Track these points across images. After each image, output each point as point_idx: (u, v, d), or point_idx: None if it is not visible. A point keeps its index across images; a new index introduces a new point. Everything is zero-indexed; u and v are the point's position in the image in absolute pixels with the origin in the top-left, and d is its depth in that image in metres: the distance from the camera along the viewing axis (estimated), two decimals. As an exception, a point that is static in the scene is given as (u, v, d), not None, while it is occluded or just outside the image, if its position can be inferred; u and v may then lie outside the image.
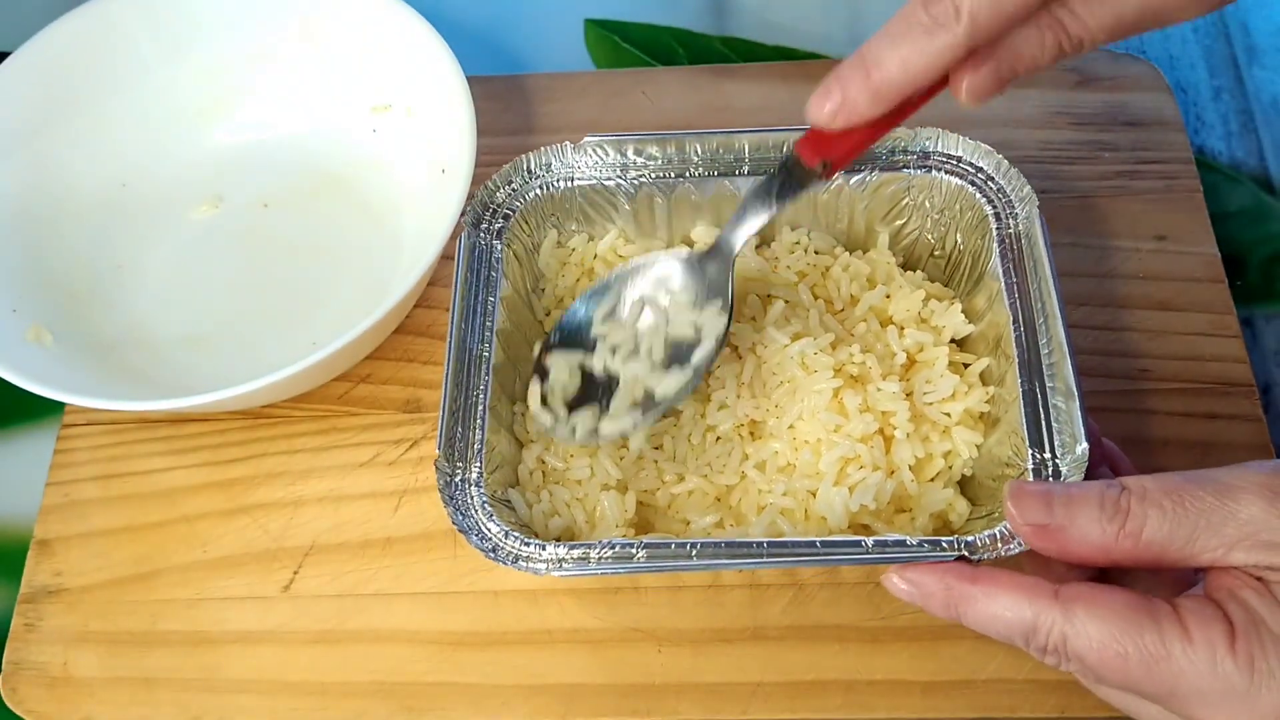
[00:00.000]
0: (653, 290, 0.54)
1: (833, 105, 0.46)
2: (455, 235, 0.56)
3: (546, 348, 0.54)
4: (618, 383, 0.53)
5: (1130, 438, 0.57)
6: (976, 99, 0.47)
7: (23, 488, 0.61)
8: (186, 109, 0.68)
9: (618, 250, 0.59)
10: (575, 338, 0.54)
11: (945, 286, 0.58)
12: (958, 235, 0.57)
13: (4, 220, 0.62)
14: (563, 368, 0.53)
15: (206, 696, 0.54)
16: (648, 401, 0.52)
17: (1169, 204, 0.63)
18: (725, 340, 0.53)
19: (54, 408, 0.61)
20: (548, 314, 0.59)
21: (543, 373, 0.53)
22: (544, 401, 0.53)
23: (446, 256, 0.56)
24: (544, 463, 0.54)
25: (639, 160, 0.57)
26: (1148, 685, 0.40)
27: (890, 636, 0.52)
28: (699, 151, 0.57)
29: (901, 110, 0.46)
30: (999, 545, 0.45)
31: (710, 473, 0.53)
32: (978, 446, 0.53)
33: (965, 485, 0.53)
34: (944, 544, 0.45)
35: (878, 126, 0.47)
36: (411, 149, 0.64)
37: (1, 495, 0.62)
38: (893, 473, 0.52)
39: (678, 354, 0.53)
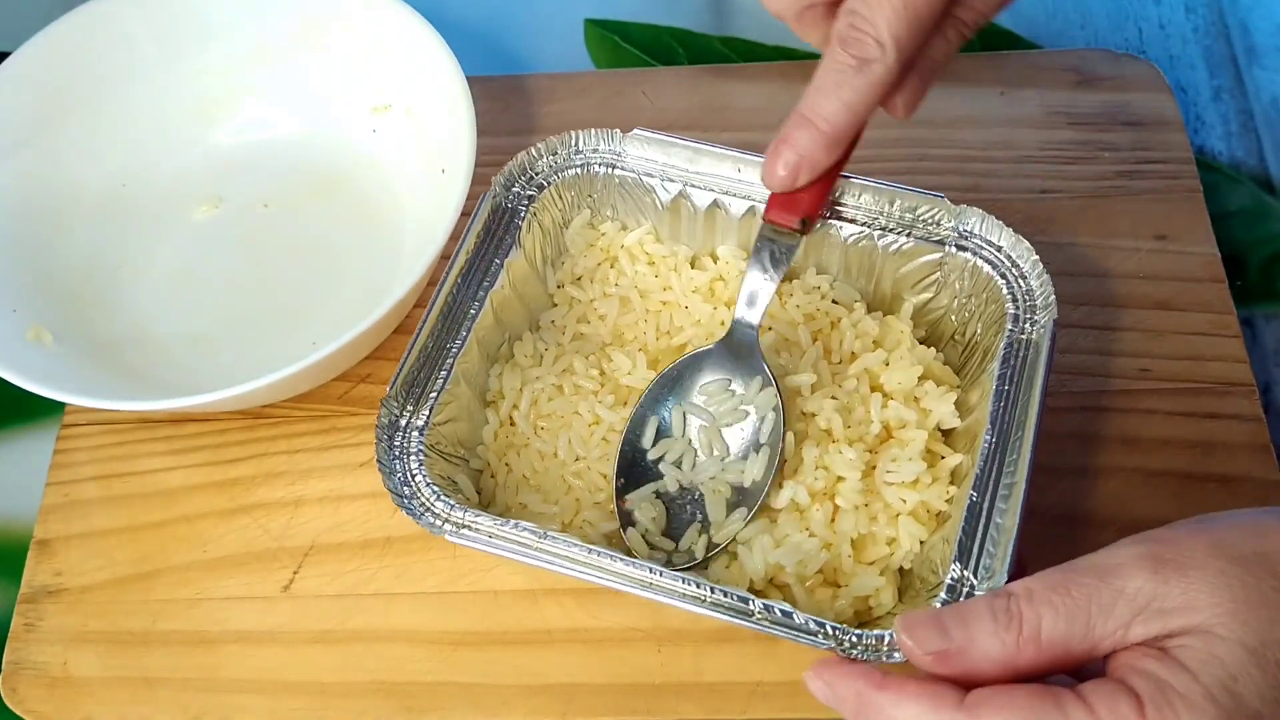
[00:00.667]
0: (685, 396, 0.54)
1: (790, 167, 0.48)
2: (455, 236, 0.56)
3: (618, 496, 0.53)
4: (699, 492, 0.53)
5: (1130, 438, 0.57)
6: (911, 111, 0.51)
7: (23, 488, 0.61)
8: (187, 109, 0.68)
9: (644, 246, 0.59)
10: (638, 474, 0.53)
11: (957, 374, 0.56)
12: (978, 326, 0.55)
13: (4, 220, 0.62)
14: (643, 505, 0.53)
15: (206, 696, 0.54)
16: (739, 494, 0.52)
17: (1169, 204, 0.63)
18: (783, 409, 0.52)
19: (54, 408, 0.61)
20: (559, 287, 0.59)
21: (628, 520, 0.52)
22: (648, 545, 0.52)
23: (445, 256, 0.56)
24: (513, 426, 0.55)
25: (680, 165, 0.57)
26: None
27: (890, 636, 0.52)
28: (739, 171, 0.57)
29: (848, 148, 0.49)
30: (882, 646, 0.44)
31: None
32: (921, 543, 0.51)
33: (903, 575, 0.51)
34: (828, 628, 0.44)
35: (834, 170, 0.50)
36: (411, 149, 0.64)
37: (1, 495, 0.62)
38: (829, 546, 0.51)
39: (742, 439, 0.53)
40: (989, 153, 0.66)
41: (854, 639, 0.44)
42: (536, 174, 0.57)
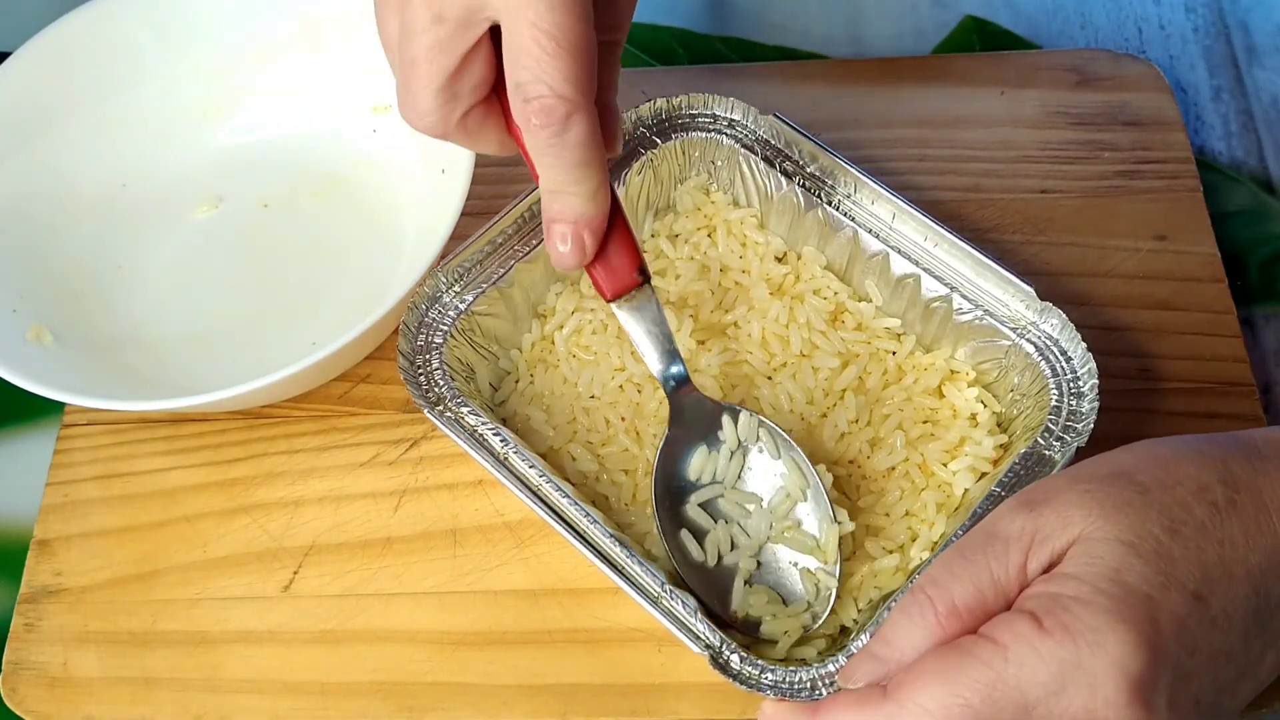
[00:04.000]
0: (685, 490, 0.53)
1: (573, 239, 0.48)
2: (455, 236, 0.56)
3: (729, 615, 0.51)
4: (775, 547, 0.52)
5: (1130, 438, 0.56)
6: (619, 145, 0.51)
7: (23, 488, 0.61)
8: (187, 109, 0.68)
9: (744, 226, 0.60)
10: (720, 585, 0.51)
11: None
12: (1020, 424, 0.54)
13: (4, 220, 0.62)
14: (753, 601, 0.51)
15: (207, 696, 0.54)
16: (806, 510, 0.52)
17: (1169, 204, 0.63)
18: (768, 421, 0.52)
19: (54, 408, 0.61)
20: (653, 236, 0.60)
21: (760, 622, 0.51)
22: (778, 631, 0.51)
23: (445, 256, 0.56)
24: (551, 343, 0.56)
25: (800, 162, 0.58)
26: (1005, 717, 0.38)
27: (890, 636, 0.52)
28: (854, 190, 0.57)
29: (612, 192, 0.48)
30: (759, 679, 0.46)
31: None
32: (854, 620, 0.51)
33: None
34: (719, 644, 0.46)
35: (619, 219, 0.49)
36: (411, 149, 0.64)
37: (1, 495, 0.62)
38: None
39: (760, 474, 0.53)
40: (989, 153, 0.66)
41: (745, 670, 0.46)
42: (667, 121, 0.58)
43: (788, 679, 0.46)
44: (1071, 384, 0.52)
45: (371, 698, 0.53)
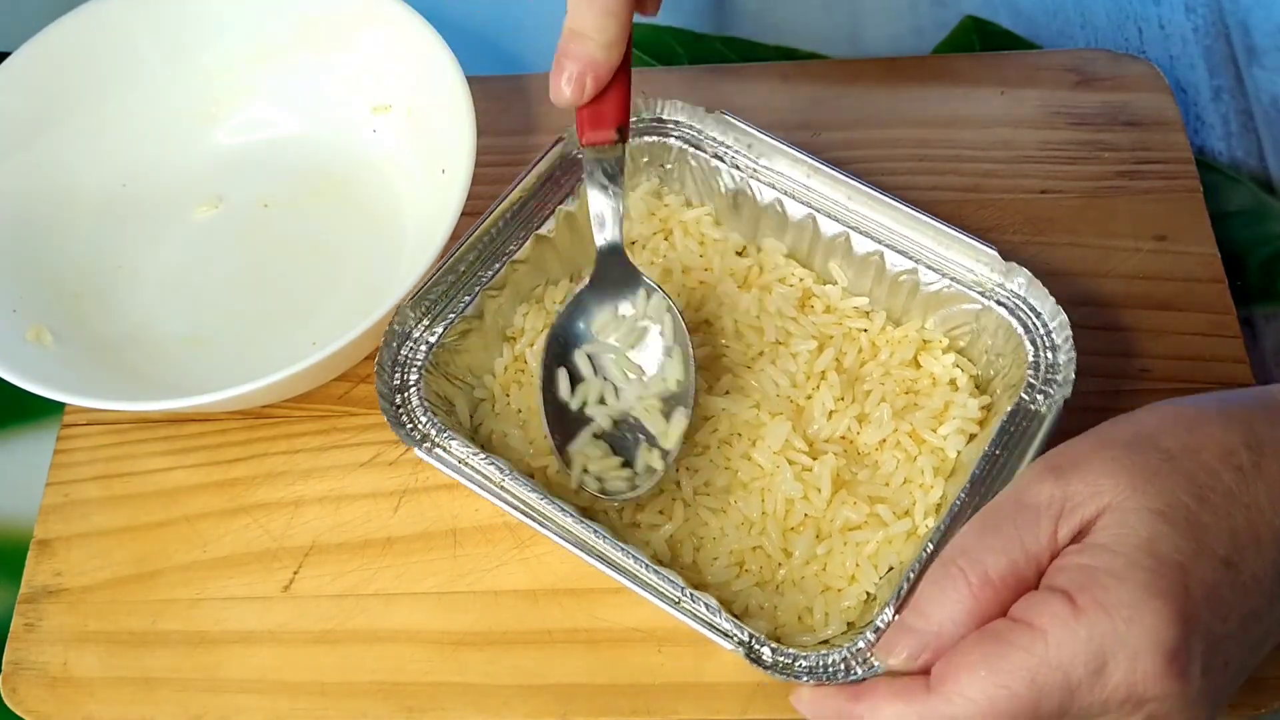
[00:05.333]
0: (582, 338, 0.55)
1: (575, 79, 0.50)
2: (455, 237, 0.56)
3: (558, 449, 0.53)
4: (633, 417, 0.54)
5: (1130, 437, 0.57)
6: (658, 8, 0.55)
7: (23, 488, 0.61)
8: (188, 109, 0.68)
9: (701, 225, 0.60)
10: (569, 425, 0.54)
11: None
12: (999, 384, 0.55)
13: (5, 220, 0.62)
14: (590, 450, 0.53)
15: (207, 696, 0.54)
16: (670, 401, 0.54)
17: (1169, 204, 0.63)
18: (677, 306, 0.54)
19: (54, 408, 0.61)
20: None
21: (567, 465, 0.53)
22: (602, 482, 0.53)
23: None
24: (523, 367, 0.56)
25: (752, 157, 0.58)
26: (1051, 700, 0.39)
27: (890, 636, 0.52)
28: (808, 177, 0.57)
29: (628, 50, 0.51)
30: (794, 666, 0.46)
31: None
32: (869, 593, 0.51)
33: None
34: (744, 642, 0.47)
35: (623, 73, 0.51)
36: (411, 150, 0.64)
37: (1, 495, 0.62)
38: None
39: (654, 351, 0.54)
40: (989, 153, 0.66)
41: (755, 657, 0.47)
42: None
43: (821, 663, 0.46)
44: (1045, 338, 0.53)
45: (371, 698, 0.53)
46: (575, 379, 0.54)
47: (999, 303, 0.54)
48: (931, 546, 0.47)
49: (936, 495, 0.53)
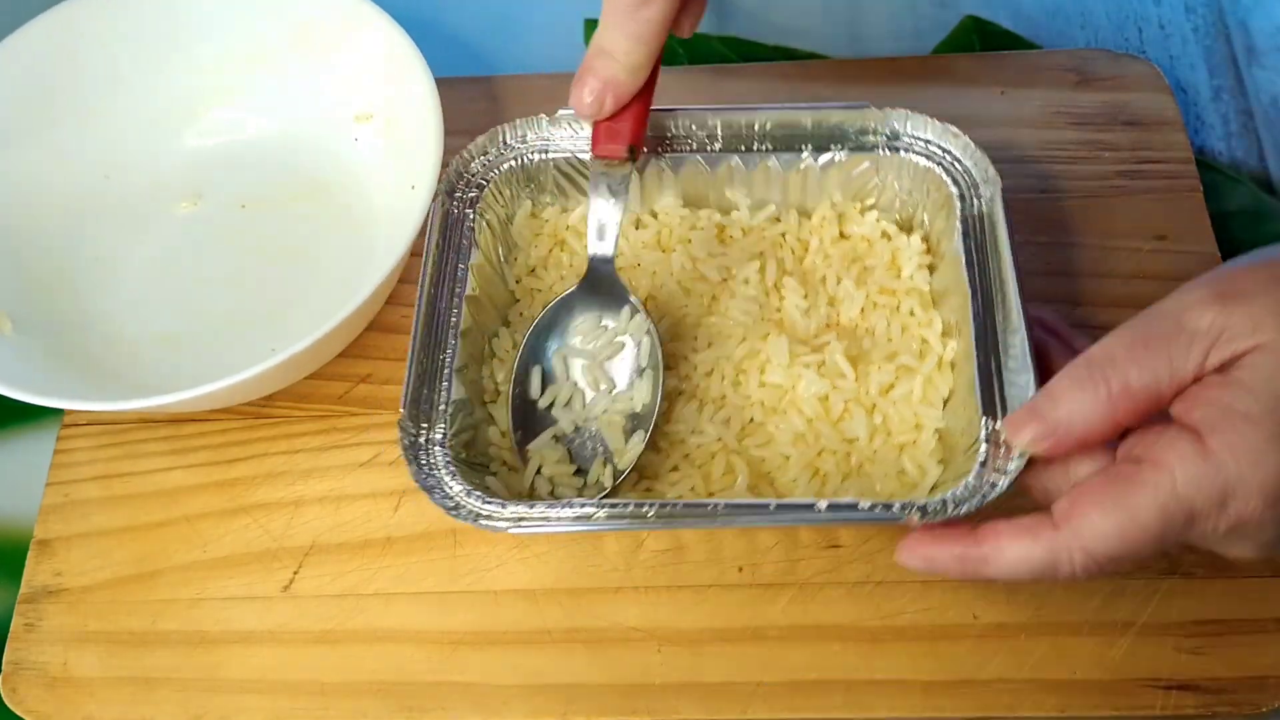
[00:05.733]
0: (561, 340, 0.56)
1: (596, 94, 0.51)
2: (417, 253, 0.56)
3: (518, 447, 0.54)
4: (594, 427, 0.55)
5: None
6: (694, 29, 0.56)
7: (23, 488, 0.61)
8: (175, 105, 0.68)
9: (587, 221, 0.59)
10: (533, 424, 0.55)
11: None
12: (924, 215, 0.58)
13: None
14: (546, 454, 0.54)
15: (207, 696, 0.54)
16: (633, 420, 0.54)
17: (1169, 204, 0.63)
18: (657, 331, 0.55)
19: (54, 408, 0.61)
20: (518, 282, 0.59)
21: (537, 472, 0.54)
22: (554, 487, 0.54)
23: (416, 255, 0.56)
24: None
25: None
26: (1175, 530, 0.42)
27: (891, 636, 0.52)
28: (670, 128, 0.58)
29: (654, 71, 0.51)
30: (948, 508, 0.46)
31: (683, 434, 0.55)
32: (936, 430, 0.53)
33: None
34: (895, 507, 0.47)
35: (646, 95, 0.52)
36: (388, 161, 0.65)
37: (1, 495, 0.62)
38: (852, 441, 0.54)
39: (624, 368, 0.55)
40: (989, 153, 0.66)
41: (932, 506, 0.47)
42: (473, 175, 0.58)
43: (966, 494, 0.47)
44: (946, 157, 0.56)
45: (371, 698, 0.53)
46: (547, 380, 0.55)
47: (887, 149, 0.57)
48: (979, 354, 0.50)
49: (938, 323, 0.56)
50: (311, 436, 0.60)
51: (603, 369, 0.55)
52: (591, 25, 0.76)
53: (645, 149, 0.57)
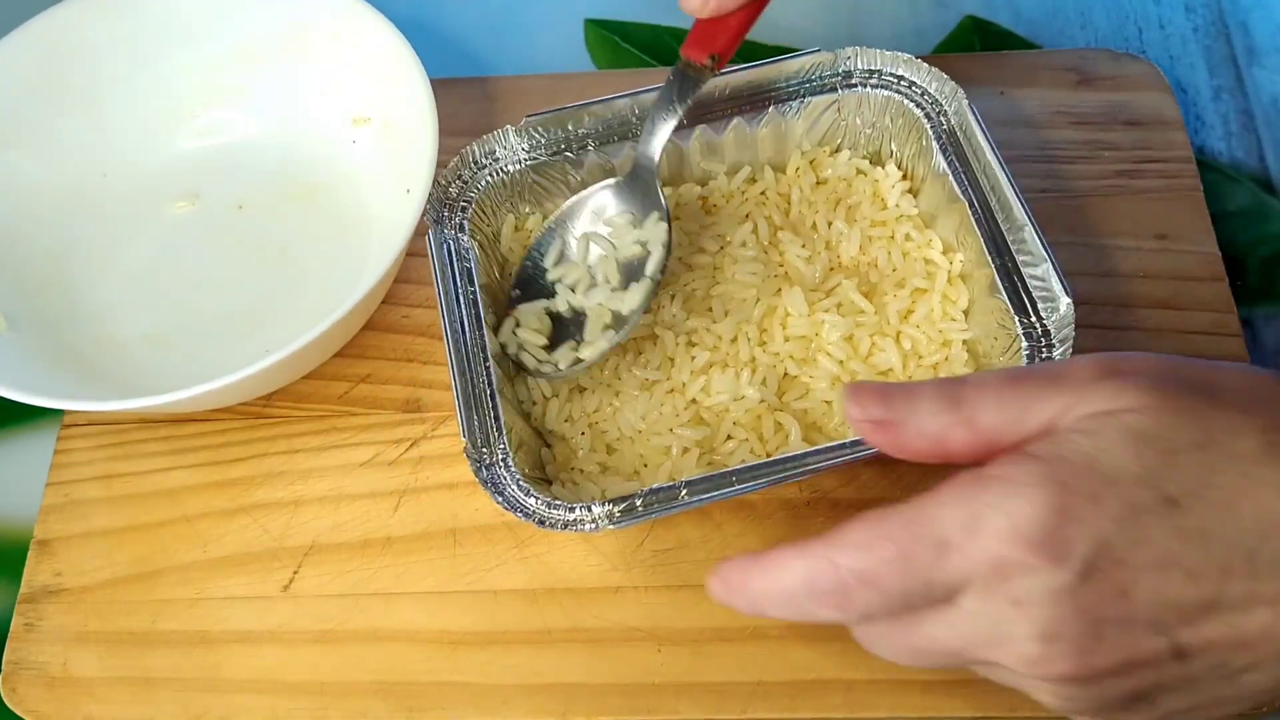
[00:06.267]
0: (592, 224, 0.57)
1: (698, 2, 0.51)
2: (414, 253, 0.57)
3: (511, 304, 0.57)
4: (585, 315, 0.56)
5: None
6: None
7: (23, 488, 0.61)
8: (174, 104, 0.68)
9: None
10: (534, 288, 0.57)
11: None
12: (892, 144, 0.60)
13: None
14: (530, 317, 0.56)
15: (207, 696, 0.54)
16: (617, 320, 0.55)
17: (1169, 203, 0.63)
18: (671, 245, 0.56)
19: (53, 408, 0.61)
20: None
21: (515, 326, 0.56)
22: (523, 351, 0.56)
23: (414, 255, 0.56)
24: (566, 439, 0.56)
25: (580, 131, 0.59)
26: (924, 551, 0.38)
27: (890, 636, 0.52)
28: (636, 111, 0.59)
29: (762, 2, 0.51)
30: None
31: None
32: (964, 341, 0.56)
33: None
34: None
35: (751, 9, 0.52)
36: (384, 164, 0.64)
37: (1, 495, 0.62)
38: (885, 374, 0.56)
39: (632, 271, 0.56)
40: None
41: None
42: (454, 200, 0.58)
43: None
44: (902, 84, 0.58)
45: (371, 698, 0.53)
46: (565, 255, 0.57)
47: (844, 88, 0.59)
48: (994, 257, 0.53)
49: (937, 242, 0.57)
50: (311, 436, 0.60)
51: (615, 264, 0.56)
52: (592, 26, 0.76)
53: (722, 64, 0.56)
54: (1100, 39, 0.73)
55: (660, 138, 0.55)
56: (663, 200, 0.55)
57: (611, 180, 0.57)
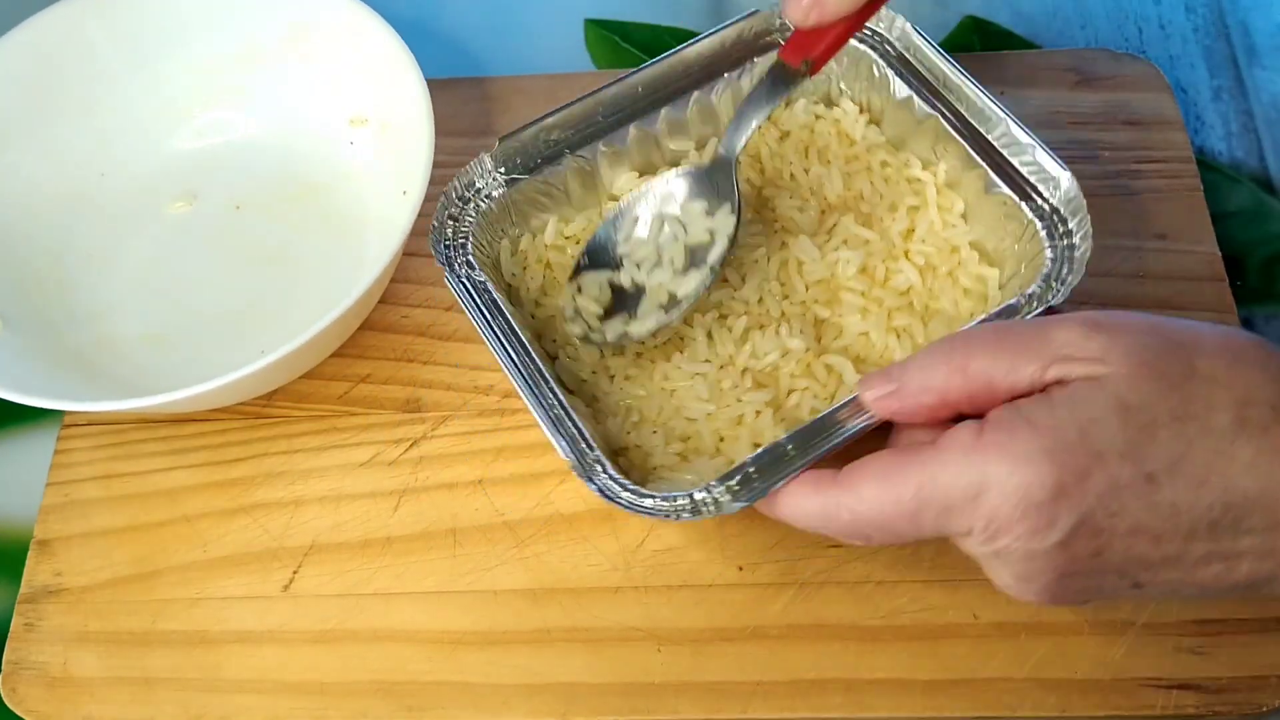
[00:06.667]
0: (667, 206, 0.58)
1: (806, 6, 0.51)
2: (412, 253, 0.57)
3: (577, 270, 0.57)
4: (645, 292, 0.57)
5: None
6: None
7: (23, 488, 0.61)
8: (173, 104, 0.68)
9: (563, 234, 0.60)
10: (602, 258, 0.57)
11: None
12: (841, 84, 0.62)
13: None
14: (592, 285, 0.57)
15: (206, 696, 0.54)
16: (671, 302, 0.56)
17: (1169, 203, 0.63)
18: (736, 238, 0.56)
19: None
20: (533, 316, 0.59)
21: (576, 291, 0.57)
22: (579, 317, 0.57)
23: (412, 255, 0.56)
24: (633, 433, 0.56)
25: (551, 139, 0.59)
26: (931, 514, 0.43)
27: (891, 635, 0.52)
28: (602, 105, 0.59)
29: (867, 8, 0.51)
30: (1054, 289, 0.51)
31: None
32: (970, 242, 0.57)
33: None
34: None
35: (854, 20, 0.52)
36: (381, 166, 0.64)
37: (1, 495, 0.62)
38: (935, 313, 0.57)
39: (696, 258, 0.57)
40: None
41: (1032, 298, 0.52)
42: (456, 239, 0.57)
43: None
44: (878, 41, 0.60)
45: (371, 698, 0.53)
46: (638, 229, 0.58)
47: (784, 40, 0.59)
48: (979, 155, 0.56)
49: (914, 161, 0.59)
50: (311, 436, 0.60)
51: (683, 248, 0.57)
52: (592, 26, 0.76)
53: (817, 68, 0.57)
54: (1100, 39, 0.73)
55: (745, 134, 0.56)
56: (737, 194, 0.56)
57: (691, 167, 0.58)
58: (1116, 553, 0.42)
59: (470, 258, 0.56)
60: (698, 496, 0.48)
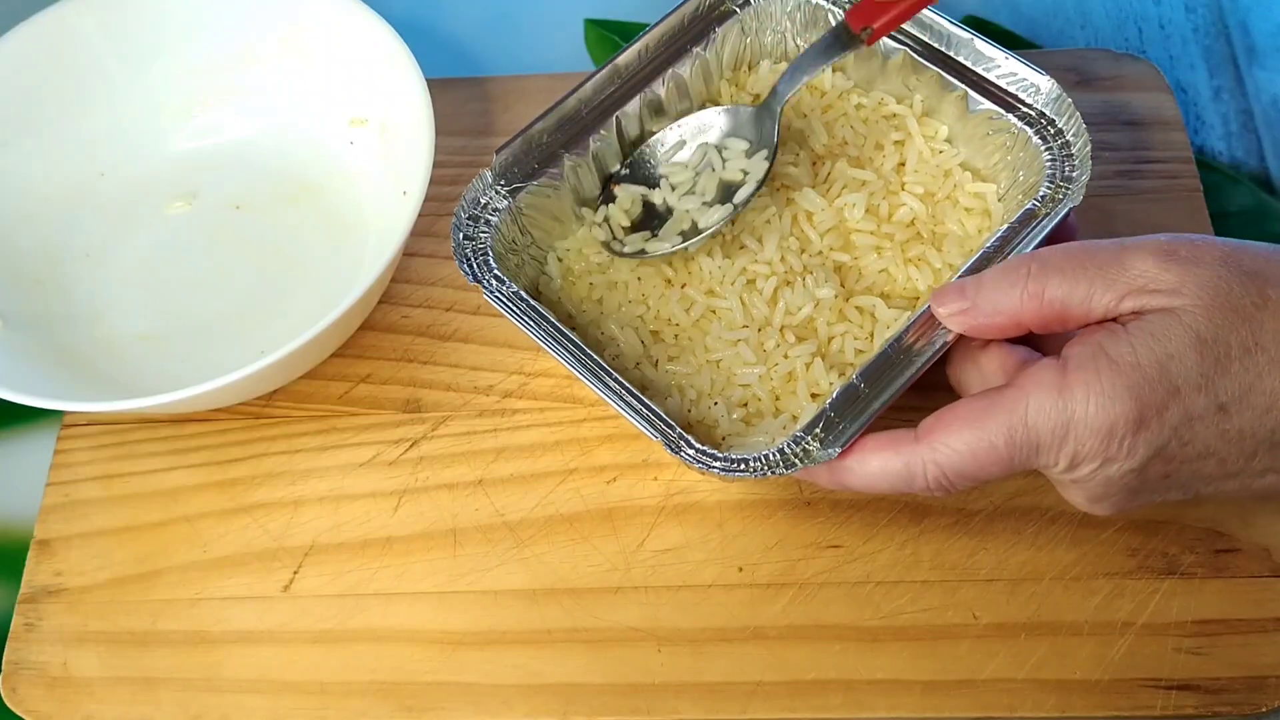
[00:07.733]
0: (713, 138, 0.60)
1: None
2: (412, 253, 0.56)
3: (617, 178, 0.60)
4: (672, 214, 0.59)
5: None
6: None
7: (23, 488, 0.61)
8: (172, 104, 0.68)
9: (589, 257, 0.59)
10: (641, 173, 0.60)
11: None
12: (796, 40, 0.63)
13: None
14: (626, 197, 0.59)
15: (207, 696, 0.54)
16: (692, 231, 0.58)
17: (1169, 203, 0.63)
18: (765, 182, 0.57)
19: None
20: (572, 318, 0.59)
21: (609, 198, 0.60)
22: (607, 224, 0.59)
23: (412, 255, 0.55)
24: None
25: (545, 141, 0.59)
26: (1022, 455, 0.45)
27: (890, 636, 0.53)
28: (584, 101, 0.60)
29: None
30: (1062, 194, 0.53)
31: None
32: (961, 164, 0.59)
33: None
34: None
35: (910, 6, 0.54)
36: (381, 166, 0.65)
37: (1, 495, 0.62)
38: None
39: (726, 193, 0.58)
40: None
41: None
42: (476, 259, 0.56)
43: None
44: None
45: (371, 698, 0.53)
46: (681, 156, 0.60)
47: (740, 7, 0.62)
48: (966, 84, 0.57)
49: (889, 99, 0.61)
50: (311, 436, 0.60)
51: (718, 181, 0.59)
52: (592, 26, 0.76)
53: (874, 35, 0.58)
54: (1100, 39, 0.73)
55: (795, 86, 0.58)
56: (775, 141, 0.58)
57: (741, 107, 0.60)
58: (1184, 474, 0.44)
59: (497, 273, 0.55)
60: (788, 449, 0.49)
